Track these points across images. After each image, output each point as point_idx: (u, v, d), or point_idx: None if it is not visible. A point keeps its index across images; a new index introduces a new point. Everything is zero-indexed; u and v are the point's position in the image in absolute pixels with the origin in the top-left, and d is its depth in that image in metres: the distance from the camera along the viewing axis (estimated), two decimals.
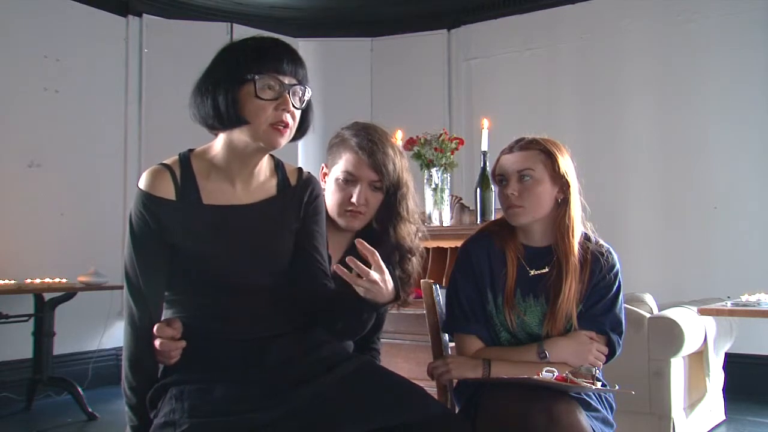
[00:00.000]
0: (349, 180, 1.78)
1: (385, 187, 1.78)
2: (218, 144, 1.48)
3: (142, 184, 1.44)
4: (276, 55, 1.42)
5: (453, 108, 5.49)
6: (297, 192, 1.55)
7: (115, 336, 4.55)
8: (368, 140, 1.77)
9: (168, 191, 1.43)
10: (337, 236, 1.81)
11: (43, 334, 3.85)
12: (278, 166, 1.57)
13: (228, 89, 1.39)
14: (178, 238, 1.43)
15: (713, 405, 3.39)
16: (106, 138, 4.85)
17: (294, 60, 1.44)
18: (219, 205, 1.47)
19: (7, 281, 3.73)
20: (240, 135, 1.43)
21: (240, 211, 1.48)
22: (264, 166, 1.53)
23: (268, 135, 1.41)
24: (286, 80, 1.42)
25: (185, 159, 1.48)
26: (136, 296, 1.43)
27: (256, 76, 1.39)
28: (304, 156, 5.29)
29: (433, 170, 2.97)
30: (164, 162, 1.47)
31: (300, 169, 1.59)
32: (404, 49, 5.59)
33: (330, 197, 1.81)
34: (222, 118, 1.41)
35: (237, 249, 1.46)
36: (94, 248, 4.45)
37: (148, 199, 1.42)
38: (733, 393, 3.68)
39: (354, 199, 1.76)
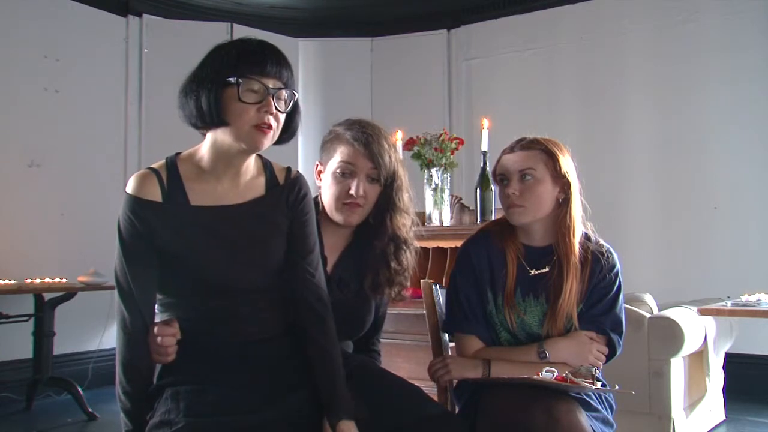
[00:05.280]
0: (346, 172, 1.76)
1: (382, 178, 1.76)
2: (205, 146, 1.47)
3: (129, 188, 1.43)
4: (261, 57, 1.41)
5: (453, 108, 5.49)
6: (284, 191, 1.53)
7: (115, 336, 4.54)
8: (362, 132, 1.77)
9: (155, 194, 1.42)
10: (334, 236, 1.80)
11: (43, 334, 3.85)
12: (266, 166, 1.55)
13: (211, 90, 1.39)
14: (168, 241, 1.42)
15: (713, 405, 3.39)
16: (106, 138, 4.85)
17: (279, 63, 1.43)
18: (207, 206, 1.46)
19: (7, 281, 3.73)
20: (223, 136, 1.42)
21: (228, 211, 1.47)
22: (251, 165, 1.52)
23: (250, 136, 1.40)
24: (271, 83, 1.41)
25: (172, 163, 1.47)
26: (127, 301, 1.43)
27: (240, 80, 1.38)
28: (304, 156, 5.29)
29: (433, 170, 2.97)
30: (151, 166, 1.47)
31: (288, 169, 1.58)
32: (404, 49, 5.59)
33: (327, 192, 1.79)
34: (204, 118, 1.40)
35: (226, 249, 1.46)
36: (94, 248, 4.44)
37: (135, 203, 1.42)
38: (733, 393, 3.68)
39: (353, 191, 1.74)
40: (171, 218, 1.43)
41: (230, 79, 1.38)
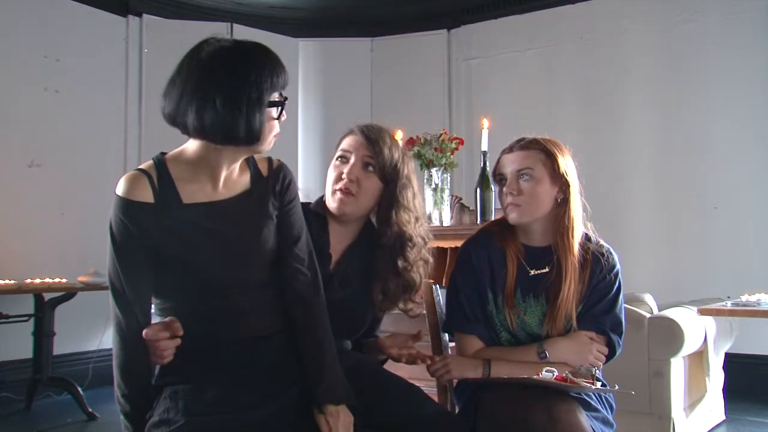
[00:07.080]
0: (343, 157, 1.76)
1: (379, 168, 1.73)
2: (194, 147, 1.44)
3: (120, 190, 1.40)
4: (285, 71, 1.42)
5: (453, 108, 5.49)
6: (270, 181, 1.53)
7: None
8: (368, 126, 1.78)
9: (146, 195, 1.40)
10: (338, 235, 1.79)
11: (43, 334, 3.85)
12: (249, 159, 1.54)
13: (259, 110, 1.38)
14: (162, 242, 1.40)
15: (713, 405, 3.39)
16: (106, 138, 4.85)
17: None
18: (199, 203, 1.44)
19: (7, 281, 3.73)
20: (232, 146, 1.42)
21: (220, 208, 1.46)
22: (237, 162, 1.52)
23: (269, 147, 1.43)
24: (284, 93, 1.43)
25: (160, 163, 1.45)
26: (122, 304, 1.41)
27: (286, 99, 1.41)
28: (304, 156, 5.29)
29: (433, 170, 2.97)
30: (139, 167, 1.44)
31: (269, 158, 1.57)
32: (404, 49, 5.59)
33: (327, 182, 1.79)
34: (251, 138, 1.39)
35: (222, 247, 1.45)
36: (94, 248, 4.41)
37: (127, 205, 1.39)
38: (733, 393, 3.68)
39: (345, 173, 1.73)
40: (164, 219, 1.41)
41: (278, 98, 1.40)
